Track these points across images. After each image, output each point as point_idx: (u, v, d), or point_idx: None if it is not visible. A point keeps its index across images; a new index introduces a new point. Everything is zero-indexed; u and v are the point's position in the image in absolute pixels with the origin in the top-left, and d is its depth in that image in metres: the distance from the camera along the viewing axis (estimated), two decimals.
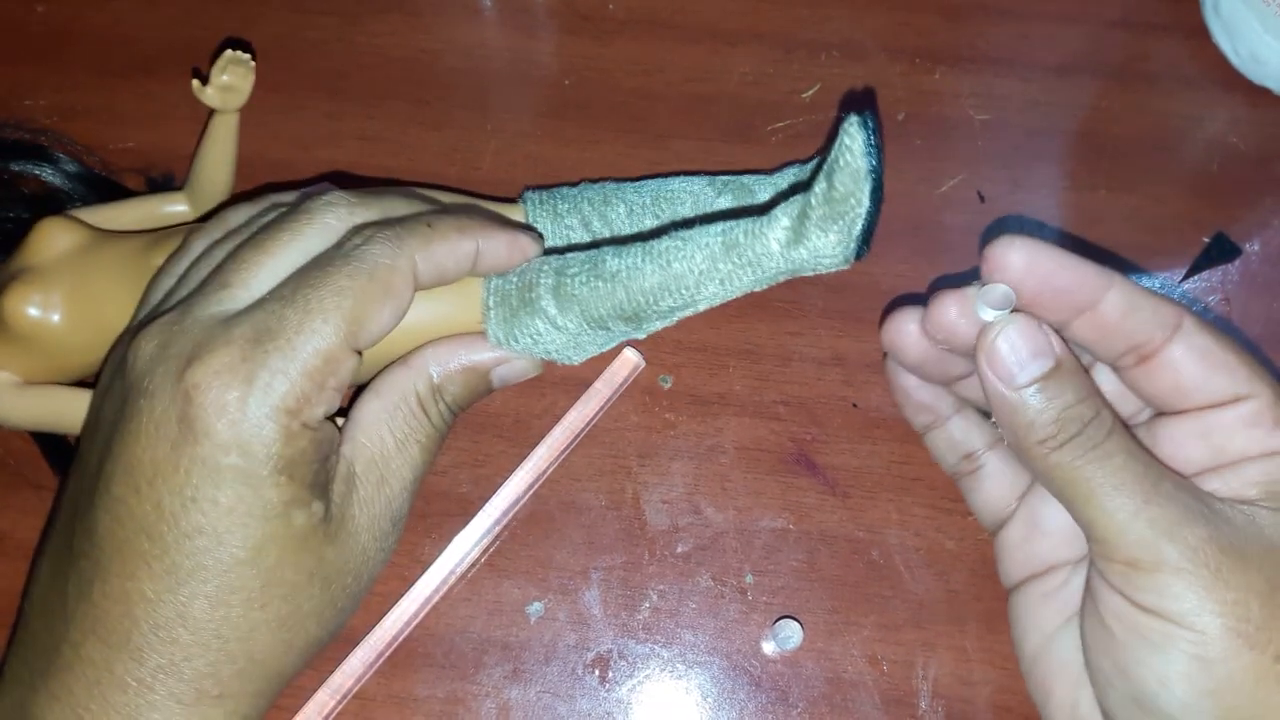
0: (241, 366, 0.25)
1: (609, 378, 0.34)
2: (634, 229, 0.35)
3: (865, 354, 0.37)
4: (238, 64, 0.32)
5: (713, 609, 0.34)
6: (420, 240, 0.28)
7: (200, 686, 0.26)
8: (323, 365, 0.26)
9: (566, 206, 0.35)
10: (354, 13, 0.43)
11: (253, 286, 0.27)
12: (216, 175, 0.36)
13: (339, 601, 0.28)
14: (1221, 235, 0.39)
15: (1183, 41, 0.42)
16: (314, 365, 0.26)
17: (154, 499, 0.25)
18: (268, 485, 0.26)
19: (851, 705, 0.33)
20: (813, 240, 0.29)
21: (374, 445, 0.28)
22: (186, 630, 0.26)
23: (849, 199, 0.28)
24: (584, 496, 0.36)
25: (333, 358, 0.26)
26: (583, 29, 0.43)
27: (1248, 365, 0.26)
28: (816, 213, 0.28)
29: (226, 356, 0.25)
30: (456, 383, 0.30)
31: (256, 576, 0.26)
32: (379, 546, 0.29)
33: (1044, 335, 0.25)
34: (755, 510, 0.35)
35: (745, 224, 0.29)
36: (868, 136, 0.27)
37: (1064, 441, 0.25)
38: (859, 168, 0.27)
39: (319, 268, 0.27)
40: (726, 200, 0.36)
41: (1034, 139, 0.41)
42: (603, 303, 0.30)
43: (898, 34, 0.42)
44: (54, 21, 0.43)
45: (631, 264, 0.30)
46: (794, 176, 0.36)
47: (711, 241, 0.30)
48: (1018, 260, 0.25)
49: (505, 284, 0.31)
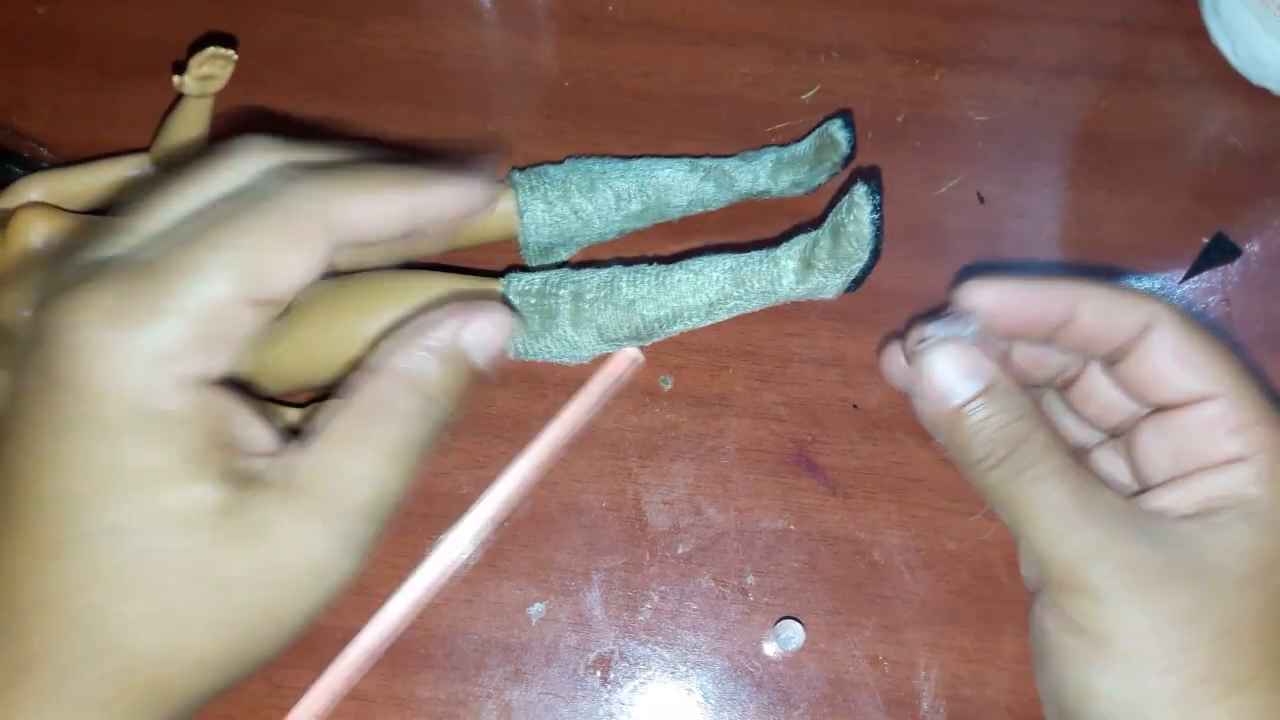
0: (112, 305, 0.21)
1: (608, 372, 0.34)
2: (622, 214, 0.37)
3: (865, 355, 0.37)
4: (218, 58, 0.32)
5: (714, 610, 0.34)
6: (345, 187, 0.23)
7: (66, 690, 0.22)
8: (212, 311, 0.21)
9: (557, 194, 0.36)
10: (354, 15, 0.43)
11: (143, 229, 0.23)
12: (188, 152, 0.35)
13: (247, 620, 0.23)
14: (1221, 236, 0.39)
15: (1182, 42, 0.42)
16: (201, 309, 0.21)
17: (12, 459, 0.22)
18: (131, 444, 0.21)
19: (853, 706, 0.33)
20: (815, 281, 0.34)
21: (327, 455, 0.23)
22: (46, 618, 0.22)
23: (852, 257, 0.33)
24: (585, 498, 0.36)
25: (225, 304, 0.22)
26: (583, 31, 0.43)
27: (1219, 362, 0.25)
28: (821, 264, 0.33)
29: (96, 295, 0.21)
30: (430, 376, 0.24)
31: (121, 556, 0.22)
32: (316, 572, 0.23)
33: (975, 358, 0.25)
34: (756, 511, 0.35)
35: (754, 263, 0.34)
36: (874, 207, 0.32)
37: (997, 463, 0.25)
38: (865, 236, 0.32)
39: (224, 203, 0.23)
40: (710, 186, 0.37)
41: (1033, 140, 0.41)
42: (620, 328, 0.34)
43: (897, 35, 0.42)
44: (54, 23, 0.43)
45: (646, 293, 0.34)
46: (772, 162, 0.37)
47: (722, 277, 0.34)
48: (988, 299, 0.26)
49: (524, 304, 0.34)
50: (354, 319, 0.34)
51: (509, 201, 0.36)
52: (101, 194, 0.36)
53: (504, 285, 0.34)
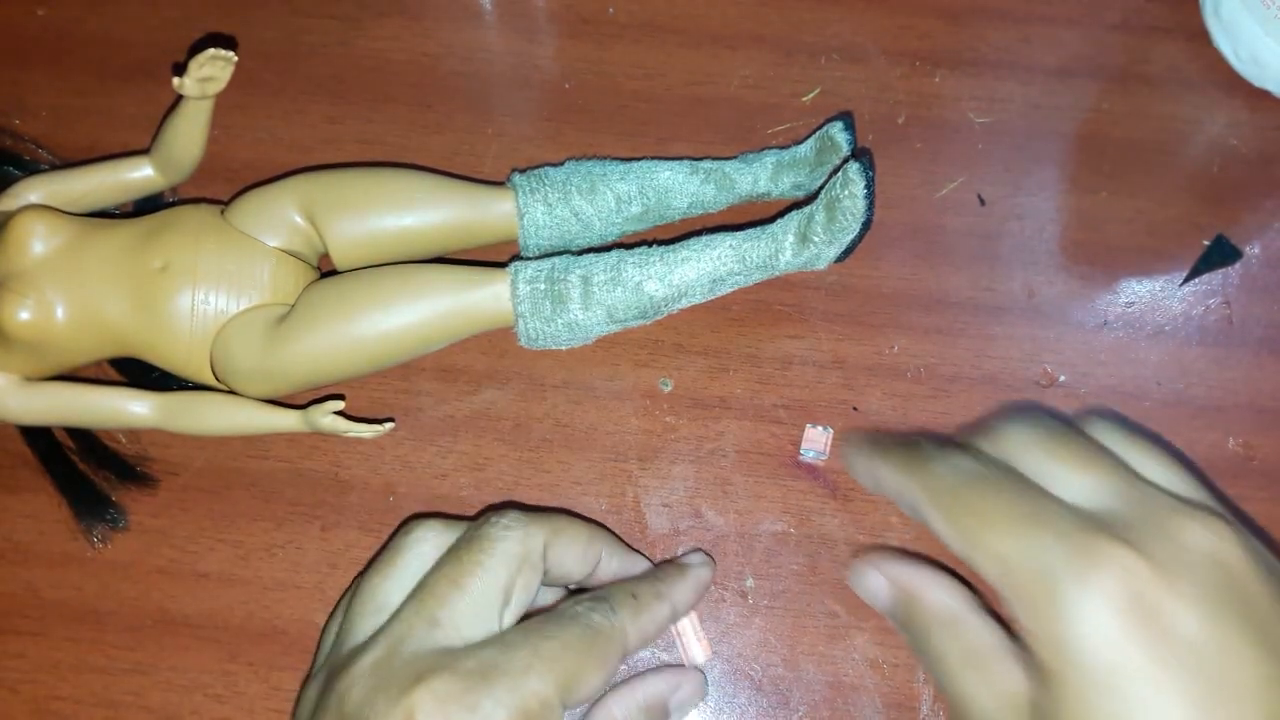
0: (465, 695, 0.25)
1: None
2: (622, 216, 0.37)
3: (865, 358, 0.37)
4: (217, 60, 0.32)
5: (713, 613, 0.34)
6: (631, 612, 0.30)
7: None
8: (538, 708, 0.26)
9: (557, 196, 0.36)
10: (354, 16, 0.43)
11: (460, 623, 0.27)
12: (187, 154, 0.35)
13: None
14: (1222, 238, 0.39)
15: (1183, 44, 0.42)
16: (531, 706, 0.26)
17: None
18: None
19: (853, 709, 0.33)
20: (810, 252, 0.35)
21: None
22: None
23: (847, 229, 0.34)
24: (585, 500, 0.35)
25: (547, 704, 0.26)
26: (583, 32, 0.43)
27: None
28: (817, 237, 0.35)
29: (452, 684, 0.26)
30: None
31: None
32: None
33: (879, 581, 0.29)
34: (756, 514, 0.35)
35: (753, 239, 0.35)
36: (867, 182, 0.33)
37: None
38: (859, 209, 0.34)
39: (546, 623, 0.28)
40: (710, 188, 0.37)
41: (1034, 142, 0.41)
42: (628, 309, 0.35)
43: (898, 37, 0.42)
44: (54, 24, 0.43)
45: (652, 274, 0.34)
46: (772, 164, 0.38)
47: (725, 254, 0.35)
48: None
49: (535, 291, 0.34)
50: (362, 316, 0.34)
51: (509, 203, 0.36)
52: (101, 196, 0.36)
53: (511, 274, 0.34)
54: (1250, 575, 0.24)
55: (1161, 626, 0.23)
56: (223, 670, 0.34)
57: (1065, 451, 0.27)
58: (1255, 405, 0.37)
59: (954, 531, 0.26)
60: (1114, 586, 0.23)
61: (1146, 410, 0.37)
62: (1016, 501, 0.25)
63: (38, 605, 0.34)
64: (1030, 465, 0.27)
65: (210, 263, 0.34)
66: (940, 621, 0.27)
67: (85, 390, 0.34)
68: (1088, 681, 0.23)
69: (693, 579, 0.32)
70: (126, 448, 0.36)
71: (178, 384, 0.35)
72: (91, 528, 0.35)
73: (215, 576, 0.35)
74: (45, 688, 0.34)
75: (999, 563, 0.25)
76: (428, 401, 0.37)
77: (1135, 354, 0.38)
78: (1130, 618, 0.23)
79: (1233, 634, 0.23)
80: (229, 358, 0.34)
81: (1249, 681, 0.22)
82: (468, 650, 0.27)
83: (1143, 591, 0.23)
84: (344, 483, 0.36)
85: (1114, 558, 0.23)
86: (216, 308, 0.34)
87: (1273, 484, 0.36)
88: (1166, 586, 0.23)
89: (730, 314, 0.38)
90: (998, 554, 0.25)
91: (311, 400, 0.35)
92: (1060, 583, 0.23)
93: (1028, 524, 0.25)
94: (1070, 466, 0.26)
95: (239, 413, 0.34)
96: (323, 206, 0.35)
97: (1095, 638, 0.23)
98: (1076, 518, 0.25)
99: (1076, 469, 0.26)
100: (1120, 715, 0.23)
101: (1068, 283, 0.39)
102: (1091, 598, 0.23)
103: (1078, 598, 0.23)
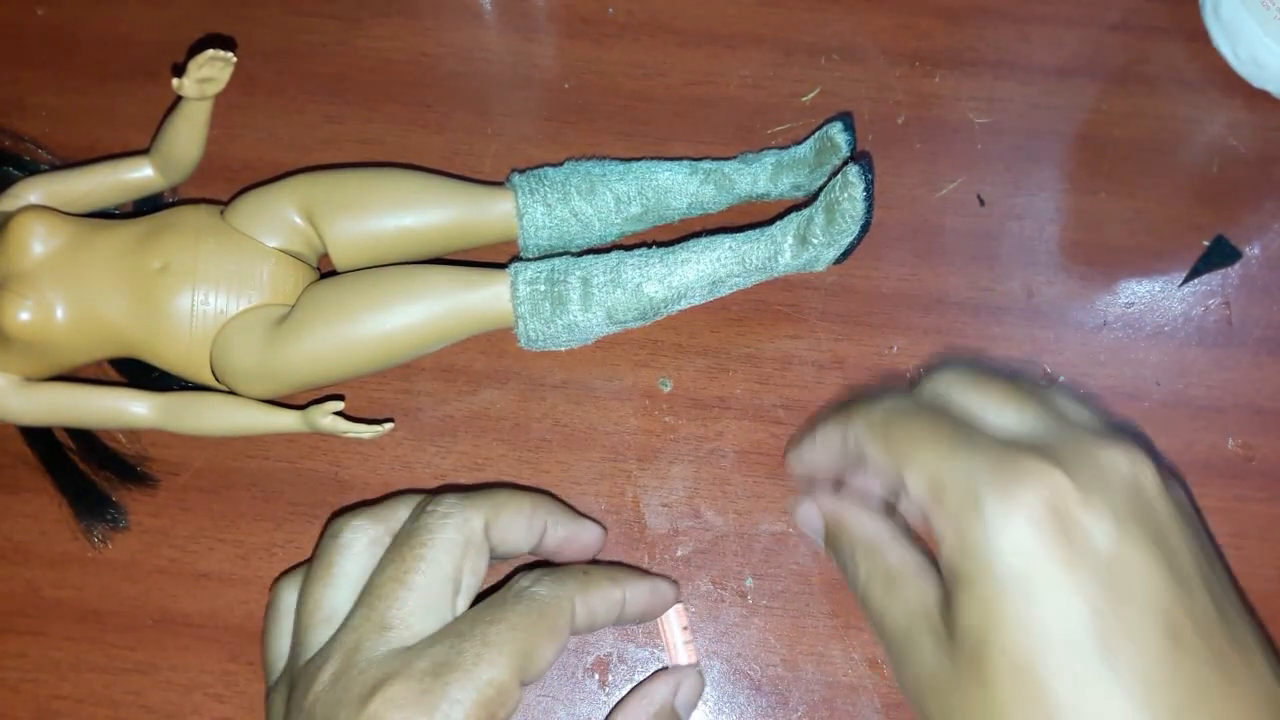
0: (422, 698, 0.26)
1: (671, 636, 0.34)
2: (621, 217, 0.37)
3: (865, 357, 0.37)
4: (216, 60, 0.32)
5: (712, 613, 0.34)
6: (578, 585, 0.30)
7: None
8: (496, 695, 0.27)
9: (557, 197, 0.36)
10: (354, 16, 0.43)
11: (412, 621, 0.28)
12: (187, 154, 0.35)
13: None
14: (1221, 239, 0.39)
15: (1183, 45, 0.42)
16: (488, 695, 0.26)
17: None
18: None
19: (852, 710, 0.33)
20: (809, 254, 0.35)
21: None
22: None
23: (846, 231, 0.35)
24: (584, 500, 0.36)
25: (504, 689, 0.27)
26: (583, 32, 0.43)
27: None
28: (816, 239, 0.35)
29: (407, 688, 0.26)
30: None
31: None
32: None
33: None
34: (755, 514, 0.35)
35: (753, 241, 0.35)
36: (866, 184, 0.34)
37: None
38: (858, 212, 0.34)
39: (492, 607, 0.28)
40: (710, 188, 0.37)
41: (1034, 142, 0.41)
42: (628, 310, 0.35)
43: (897, 37, 0.42)
44: (54, 24, 0.43)
45: (651, 275, 0.35)
46: (772, 164, 0.38)
47: (724, 256, 0.35)
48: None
49: (534, 293, 0.34)
50: (362, 316, 0.34)
51: (509, 204, 0.36)
52: (101, 196, 0.36)
53: (511, 275, 0.34)
54: (1161, 501, 0.26)
55: (1075, 538, 0.24)
56: (223, 670, 0.34)
57: (994, 387, 0.29)
58: (1255, 406, 0.37)
59: (888, 455, 0.28)
60: (1034, 499, 0.25)
61: (1146, 410, 0.37)
62: (947, 425, 0.27)
63: (38, 605, 0.34)
64: (962, 401, 0.29)
65: (210, 263, 0.34)
66: (861, 545, 0.29)
67: (85, 390, 0.34)
68: (999, 586, 0.25)
69: (651, 581, 0.32)
70: (126, 448, 0.36)
71: (178, 384, 0.35)
72: (92, 528, 0.35)
73: (215, 576, 0.35)
74: (46, 687, 0.34)
75: (927, 477, 0.27)
76: (427, 401, 0.37)
77: (1135, 354, 0.38)
78: (1046, 528, 0.24)
79: (1140, 551, 0.25)
80: (229, 358, 0.34)
81: (1150, 594, 0.24)
82: (420, 649, 0.27)
83: (1061, 505, 0.25)
84: (344, 483, 0.36)
85: (1036, 473, 0.25)
86: (216, 308, 0.34)
87: (1272, 484, 0.36)
88: (1083, 502, 0.25)
89: (729, 314, 0.38)
90: (927, 470, 0.27)
91: (311, 400, 0.35)
92: (984, 495, 0.25)
93: (956, 442, 0.27)
94: (999, 401, 0.28)
95: (239, 413, 0.34)
96: (322, 207, 0.35)
97: (1011, 545, 0.25)
98: (1003, 439, 0.27)
99: (1005, 402, 0.28)
100: (1025, 616, 0.24)
101: (1067, 283, 0.39)
102: (1013, 508, 0.25)
103: (999, 509, 0.25)
